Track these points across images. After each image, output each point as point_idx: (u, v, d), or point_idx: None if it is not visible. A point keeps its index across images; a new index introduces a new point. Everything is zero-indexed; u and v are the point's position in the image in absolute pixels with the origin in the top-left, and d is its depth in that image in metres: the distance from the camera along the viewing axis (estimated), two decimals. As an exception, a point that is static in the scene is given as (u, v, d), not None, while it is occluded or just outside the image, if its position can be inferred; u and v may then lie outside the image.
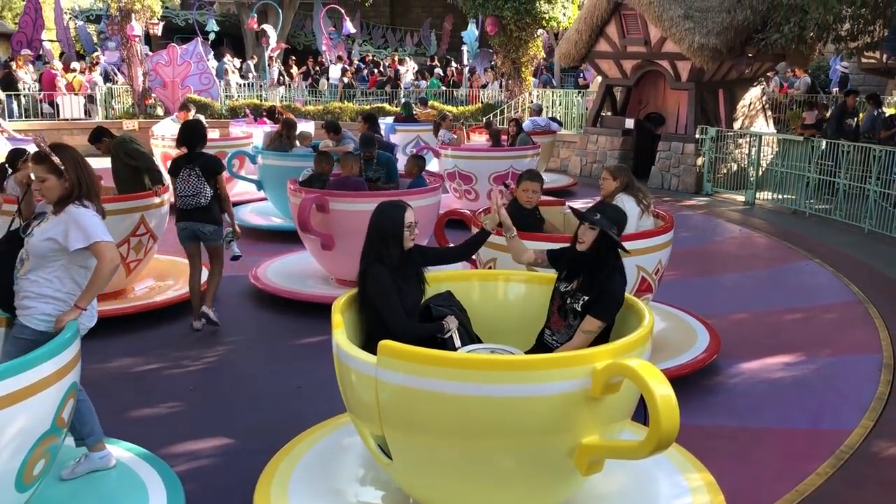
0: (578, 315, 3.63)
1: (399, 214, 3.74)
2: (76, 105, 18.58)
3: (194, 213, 6.16)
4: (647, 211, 5.49)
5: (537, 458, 3.05)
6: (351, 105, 19.37)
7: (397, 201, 3.87)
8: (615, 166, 5.73)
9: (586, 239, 3.67)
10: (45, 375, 2.97)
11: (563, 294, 3.75)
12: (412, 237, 3.78)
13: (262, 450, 3.98)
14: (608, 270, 3.64)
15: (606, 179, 5.51)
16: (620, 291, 3.62)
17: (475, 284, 4.33)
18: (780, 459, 4.31)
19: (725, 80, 13.94)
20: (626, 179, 5.49)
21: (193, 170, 6.14)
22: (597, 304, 3.57)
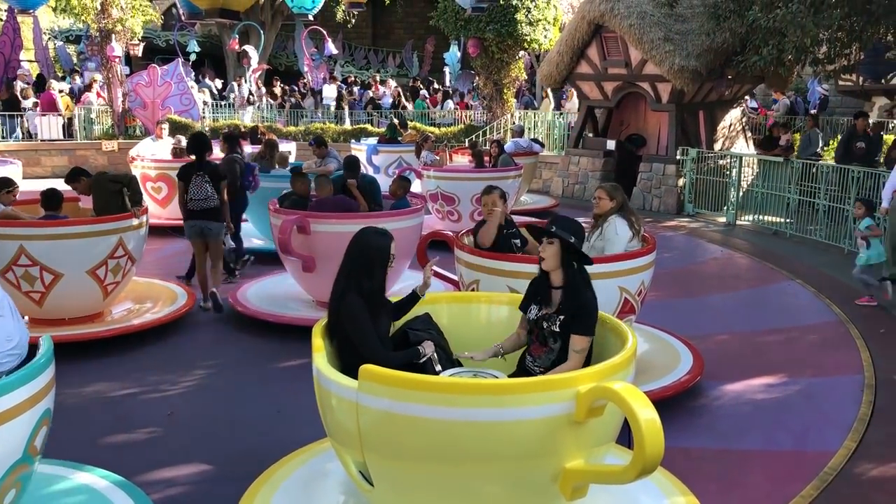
0: (558, 336, 3.59)
1: (387, 243, 3.69)
2: (54, 126, 18.43)
3: (204, 213, 7.14)
4: (638, 236, 5.47)
5: (521, 483, 3.00)
6: (333, 126, 19.37)
7: (382, 229, 3.80)
8: (611, 185, 5.67)
9: (547, 254, 3.59)
10: (17, 402, 2.89)
11: (536, 321, 3.68)
12: (391, 268, 3.73)
13: (241, 476, 3.91)
14: (577, 285, 3.58)
15: (602, 199, 5.46)
16: (594, 303, 3.59)
17: (455, 307, 4.29)
18: (764, 481, 4.29)
19: (706, 101, 14.08)
20: (622, 200, 5.49)
21: (204, 177, 7.13)
22: (577, 322, 3.53)
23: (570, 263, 3.59)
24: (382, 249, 3.67)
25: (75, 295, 6.50)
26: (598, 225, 5.51)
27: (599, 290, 5.06)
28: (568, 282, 3.59)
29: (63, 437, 4.18)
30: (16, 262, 6.18)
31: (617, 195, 5.47)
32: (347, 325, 3.55)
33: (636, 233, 5.45)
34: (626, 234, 5.38)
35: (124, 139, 18.30)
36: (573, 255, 3.59)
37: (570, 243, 3.56)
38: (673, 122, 13.67)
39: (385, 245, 3.68)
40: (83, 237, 6.39)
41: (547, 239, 3.61)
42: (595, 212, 5.54)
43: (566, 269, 3.59)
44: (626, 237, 5.37)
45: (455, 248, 5.64)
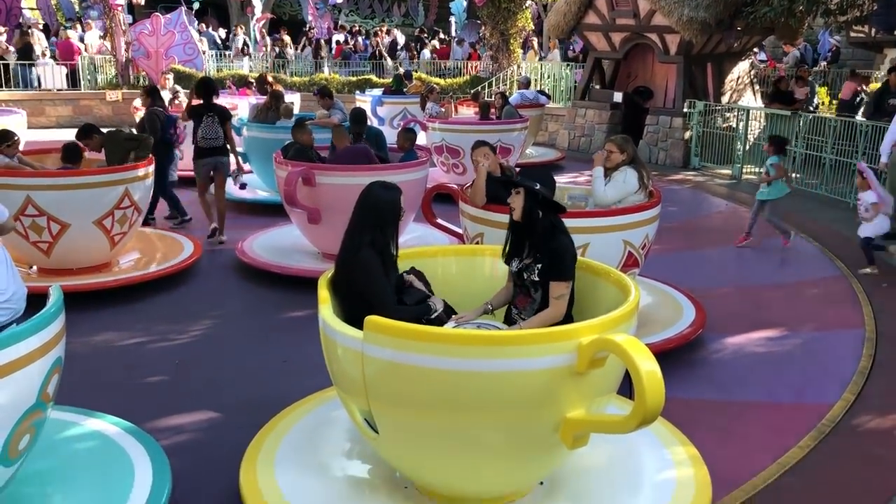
0: (538, 285, 3.65)
1: (397, 198, 3.69)
2: (58, 75, 18.31)
3: (215, 150, 7.92)
4: (645, 190, 5.46)
5: (523, 433, 3.06)
6: (337, 76, 19.20)
7: (390, 184, 3.79)
8: (621, 138, 5.63)
9: (516, 205, 3.68)
10: (29, 350, 2.94)
11: (517, 273, 3.75)
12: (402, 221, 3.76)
13: (248, 424, 3.99)
14: (549, 232, 3.64)
15: (613, 152, 5.44)
16: (569, 247, 3.63)
17: (460, 260, 4.33)
18: (762, 432, 4.36)
19: (714, 53, 13.89)
20: (633, 152, 5.47)
21: (213, 117, 7.88)
22: (553, 268, 3.58)
23: (539, 212, 3.64)
24: (393, 204, 3.68)
25: (83, 245, 6.54)
26: (607, 176, 5.49)
27: (604, 243, 5.16)
28: (540, 230, 3.65)
29: (74, 385, 4.25)
30: (23, 212, 6.21)
31: (628, 147, 5.45)
32: (362, 279, 3.54)
33: (643, 187, 5.45)
34: (633, 184, 5.38)
35: (128, 89, 18.18)
36: (542, 204, 3.64)
37: (535, 191, 3.61)
38: (681, 74, 13.51)
39: (395, 200, 3.69)
40: (90, 187, 6.41)
41: (514, 189, 3.67)
42: (606, 165, 5.51)
43: (536, 218, 3.64)
44: (633, 187, 5.38)
45: (460, 202, 5.65)
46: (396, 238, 3.74)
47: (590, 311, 3.56)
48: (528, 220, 3.66)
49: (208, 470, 3.86)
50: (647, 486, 3.46)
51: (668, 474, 3.53)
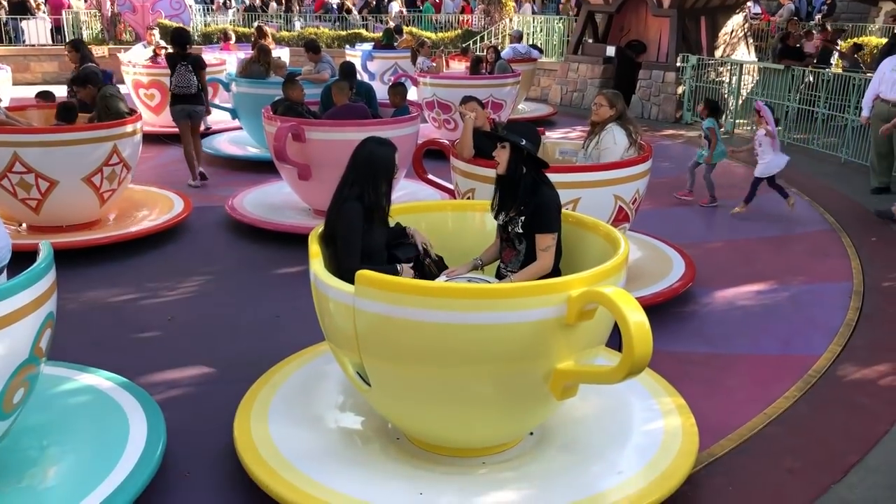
0: (522, 238, 3.67)
1: (391, 155, 3.67)
2: (42, 30, 18.01)
3: (188, 98, 8.37)
4: (635, 145, 5.44)
5: (513, 384, 3.10)
6: (327, 31, 18.94)
7: (385, 139, 3.77)
8: (612, 92, 5.60)
9: (501, 159, 3.69)
10: (21, 305, 2.94)
11: (503, 226, 3.77)
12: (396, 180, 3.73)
13: (241, 378, 4.02)
14: (532, 183, 3.66)
15: (602, 106, 5.41)
16: (553, 199, 3.66)
17: (451, 215, 4.33)
18: (749, 384, 4.43)
19: (708, 7, 13.75)
20: (622, 108, 5.43)
21: (187, 66, 8.32)
22: (536, 220, 3.61)
23: (523, 167, 3.66)
24: (387, 161, 3.65)
25: (72, 202, 6.51)
26: (594, 132, 5.48)
27: (594, 197, 5.17)
28: (524, 182, 3.66)
29: (66, 341, 4.28)
30: (10, 170, 6.16)
31: (617, 102, 5.42)
32: (339, 229, 3.56)
33: (633, 142, 5.43)
34: (623, 142, 5.35)
35: (114, 45, 17.91)
36: (526, 158, 3.66)
37: (521, 146, 3.63)
38: (674, 28, 13.39)
39: (389, 156, 3.67)
40: (77, 144, 6.35)
41: (500, 144, 3.68)
42: (593, 118, 5.48)
43: (521, 173, 3.66)
44: (624, 145, 5.35)
45: (450, 157, 5.63)
46: (389, 195, 3.73)
47: (579, 265, 3.58)
48: (513, 173, 3.67)
49: (202, 423, 3.89)
50: (635, 435, 3.52)
51: (657, 424, 3.59)
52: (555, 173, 4.98)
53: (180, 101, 8.37)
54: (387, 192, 3.68)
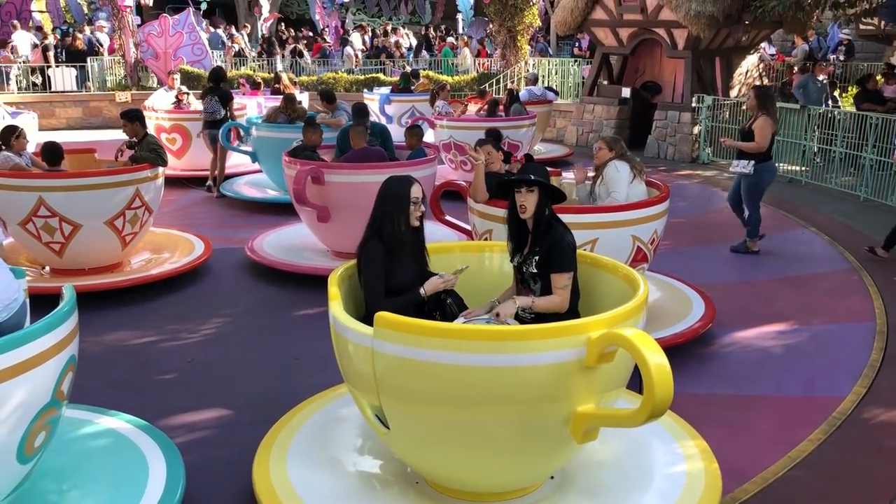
0: (537, 277, 3.68)
1: (405, 189, 3.71)
2: (68, 77, 18.41)
3: (213, 123, 10.24)
4: (640, 176, 5.56)
5: (533, 427, 3.08)
6: (345, 75, 19.22)
7: (405, 176, 3.84)
8: (611, 137, 5.84)
9: (529, 203, 3.69)
10: (44, 348, 2.97)
11: (518, 267, 3.79)
12: (418, 213, 3.73)
13: (260, 421, 4.02)
14: (546, 224, 3.68)
15: (602, 149, 5.62)
16: (567, 238, 3.67)
17: (468, 256, 4.34)
18: (773, 426, 4.36)
19: (722, 48, 13.85)
20: (621, 150, 5.60)
21: (215, 98, 10.26)
22: (553, 260, 3.61)
23: (547, 205, 3.70)
24: (400, 196, 3.70)
25: (94, 245, 6.59)
26: (598, 174, 5.60)
27: (612, 238, 5.17)
28: (539, 222, 3.68)
29: (87, 384, 4.30)
30: (35, 213, 6.26)
31: (616, 146, 5.60)
32: (361, 271, 3.63)
33: (637, 173, 5.53)
34: (626, 171, 5.48)
35: (137, 90, 18.26)
36: (549, 197, 3.71)
37: (551, 186, 3.67)
38: (689, 68, 13.48)
39: (402, 192, 3.71)
40: (101, 188, 6.45)
41: (527, 188, 3.69)
42: (595, 163, 5.68)
43: (544, 214, 3.69)
44: (626, 174, 5.48)
45: (468, 198, 5.66)
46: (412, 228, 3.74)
47: (598, 307, 3.58)
48: (541, 215, 3.69)
49: (221, 466, 3.89)
50: (657, 480, 3.47)
51: (679, 468, 3.54)
52: (572, 214, 5.05)
53: (207, 126, 10.28)
54: (402, 225, 3.69)
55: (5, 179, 6.36)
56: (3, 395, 2.84)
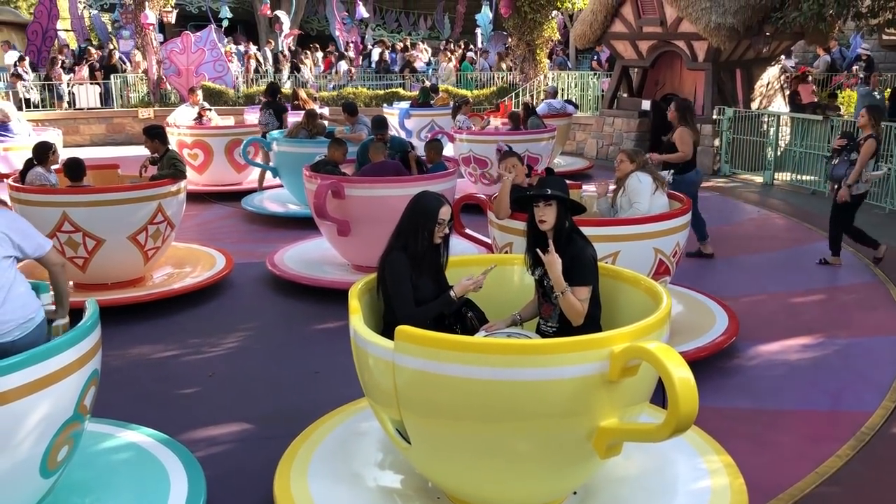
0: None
1: (436, 207, 3.72)
2: (92, 94, 18.67)
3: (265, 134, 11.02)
4: (662, 188, 5.57)
5: (556, 442, 3.05)
6: (365, 90, 19.33)
7: (438, 194, 3.84)
8: (632, 149, 5.83)
9: (548, 217, 3.67)
10: (67, 363, 3.00)
11: (539, 281, 3.76)
12: (441, 233, 3.74)
13: (281, 435, 4.01)
14: (567, 236, 3.66)
15: (623, 161, 5.64)
16: (587, 251, 3.65)
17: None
18: (799, 441, 4.29)
19: (743, 59, 13.78)
20: (643, 162, 5.62)
21: (269, 111, 11.63)
22: (574, 273, 3.58)
23: (566, 218, 3.69)
24: (428, 212, 3.71)
25: (117, 260, 6.65)
26: (620, 186, 5.60)
27: (634, 250, 5.14)
28: (560, 234, 3.67)
29: (110, 397, 4.32)
30: (59, 229, 6.33)
31: (637, 158, 5.61)
32: (387, 280, 3.64)
33: (660, 184, 5.52)
34: (648, 182, 5.49)
35: (160, 107, 18.47)
36: (568, 211, 3.70)
37: (569, 200, 3.67)
38: (709, 80, 13.42)
39: (430, 209, 3.71)
40: (124, 203, 6.52)
41: (544, 203, 3.67)
42: (617, 175, 5.70)
43: (563, 227, 3.68)
44: (649, 185, 5.49)
45: (488, 211, 5.65)
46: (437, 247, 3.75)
47: (621, 320, 3.54)
48: (561, 228, 3.67)
49: (242, 480, 3.89)
50: (681, 496, 3.42)
51: (703, 483, 3.49)
52: (594, 226, 5.03)
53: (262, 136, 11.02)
54: (427, 241, 3.69)
55: (30, 195, 6.45)
56: (27, 410, 2.86)
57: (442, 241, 3.78)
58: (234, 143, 11.38)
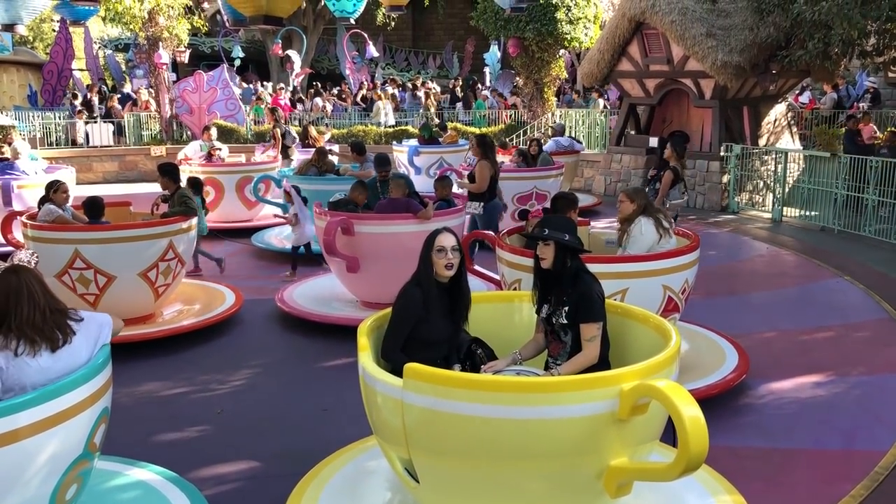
0: (567, 329, 3.66)
1: (434, 234, 3.73)
2: (105, 132, 18.92)
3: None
4: (668, 234, 5.48)
5: (565, 481, 3.03)
6: (374, 128, 19.51)
7: (443, 228, 3.84)
8: (632, 189, 5.81)
9: (546, 255, 3.71)
10: (78, 401, 3.01)
11: (547, 318, 3.77)
12: (446, 262, 3.66)
13: (289, 473, 4.00)
14: (573, 274, 3.67)
15: (624, 202, 5.58)
16: (595, 288, 3.65)
17: (498, 306, 4.33)
18: (812, 481, 4.25)
19: (750, 97, 13.87)
20: (644, 202, 5.55)
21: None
22: (582, 310, 3.59)
23: (566, 257, 3.70)
24: (427, 242, 3.72)
25: (128, 297, 6.68)
26: (624, 229, 5.57)
27: (643, 288, 5.14)
28: (566, 273, 3.68)
29: (118, 435, 4.31)
30: (71, 266, 6.38)
31: (638, 198, 5.56)
32: (393, 311, 3.64)
33: (664, 232, 5.45)
34: (651, 234, 5.40)
35: (172, 144, 18.68)
36: (568, 250, 3.70)
37: (565, 241, 3.67)
38: (716, 118, 13.50)
39: (430, 236, 3.73)
40: (135, 241, 6.57)
41: (543, 242, 3.70)
42: (619, 216, 5.63)
43: (565, 266, 3.69)
44: (651, 237, 5.40)
45: (497, 248, 5.67)
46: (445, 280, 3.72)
47: (630, 357, 3.54)
48: (560, 268, 3.69)
49: (250, 520, 3.86)
50: (693, 537, 3.38)
51: (715, 524, 3.44)
52: (602, 263, 5.04)
53: None
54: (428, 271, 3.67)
55: (43, 232, 6.51)
56: (37, 447, 2.87)
57: (454, 277, 3.72)
58: (245, 180, 11.48)
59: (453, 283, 3.74)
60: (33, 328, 3.08)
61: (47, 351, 3.09)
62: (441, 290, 3.72)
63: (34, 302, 3.13)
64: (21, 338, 3.05)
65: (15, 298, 3.10)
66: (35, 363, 3.04)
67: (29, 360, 3.03)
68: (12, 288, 3.12)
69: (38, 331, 3.10)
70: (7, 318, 3.08)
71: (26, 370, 3.02)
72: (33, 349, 3.06)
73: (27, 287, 3.14)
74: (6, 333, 3.06)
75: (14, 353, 3.02)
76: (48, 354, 3.09)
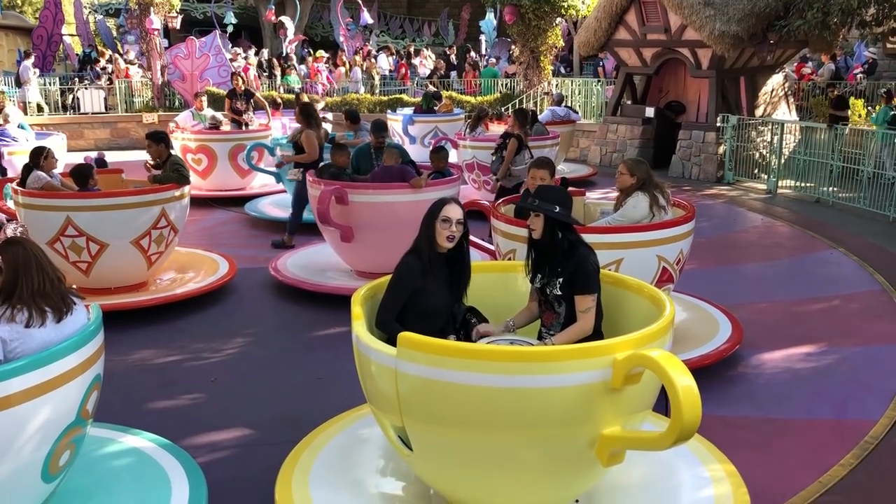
0: (562, 300, 3.65)
1: (439, 204, 3.70)
2: (96, 99, 18.73)
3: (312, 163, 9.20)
4: (666, 209, 5.39)
5: (558, 449, 3.04)
6: (369, 96, 19.36)
7: (450, 197, 3.81)
8: (633, 161, 5.57)
9: (536, 226, 3.70)
10: (69, 368, 3.00)
11: (541, 289, 3.75)
12: (448, 234, 3.64)
13: (282, 441, 4.01)
14: (568, 246, 3.65)
15: (623, 174, 5.39)
16: (591, 259, 3.63)
17: (492, 276, 4.32)
18: (803, 450, 4.28)
19: (747, 67, 13.79)
20: (644, 175, 5.35)
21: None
22: (576, 281, 3.58)
23: (556, 229, 3.67)
24: (430, 212, 3.69)
25: (120, 265, 6.66)
26: (620, 200, 5.48)
27: (638, 258, 5.13)
28: (560, 244, 3.65)
29: (112, 402, 4.33)
30: (63, 233, 6.34)
31: (638, 171, 5.35)
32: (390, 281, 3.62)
33: (659, 210, 5.33)
34: (643, 210, 5.26)
35: (164, 111, 18.51)
36: (559, 222, 3.66)
37: (554, 214, 3.63)
38: (713, 88, 13.42)
39: (434, 206, 3.69)
40: (127, 208, 6.53)
41: (533, 213, 3.68)
42: (617, 187, 5.50)
43: (555, 234, 3.66)
44: (642, 213, 5.29)
45: (491, 218, 5.65)
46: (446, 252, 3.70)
47: (624, 327, 3.54)
48: (549, 239, 3.67)
49: (244, 486, 3.88)
50: (684, 504, 3.40)
51: (706, 492, 3.47)
52: (597, 234, 5.02)
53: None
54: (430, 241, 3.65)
55: (35, 199, 6.46)
56: (29, 414, 2.86)
57: (455, 247, 3.70)
58: (238, 148, 11.40)
59: (455, 255, 3.73)
60: (43, 297, 3.11)
61: (53, 321, 3.10)
62: (441, 261, 3.70)
63: (43, 271, 3.15)
64: (32, 308, 3.06)
65: (24, 269, 3.11)
66: (40, 334, 3.06)
67: (34, 332, 3.04)
68: (20, 259, 3.13)
69: (47, 299, 3.12)
70: (17, 290, 3.08)
71: (30, 343, 3.03)
72: (42, 318, 3.07)
73: (35, 257, 3.15)
74: (14, 305, 3.06)
75: (24, 325, 3.03)
76: (53, 325, 3.10)
